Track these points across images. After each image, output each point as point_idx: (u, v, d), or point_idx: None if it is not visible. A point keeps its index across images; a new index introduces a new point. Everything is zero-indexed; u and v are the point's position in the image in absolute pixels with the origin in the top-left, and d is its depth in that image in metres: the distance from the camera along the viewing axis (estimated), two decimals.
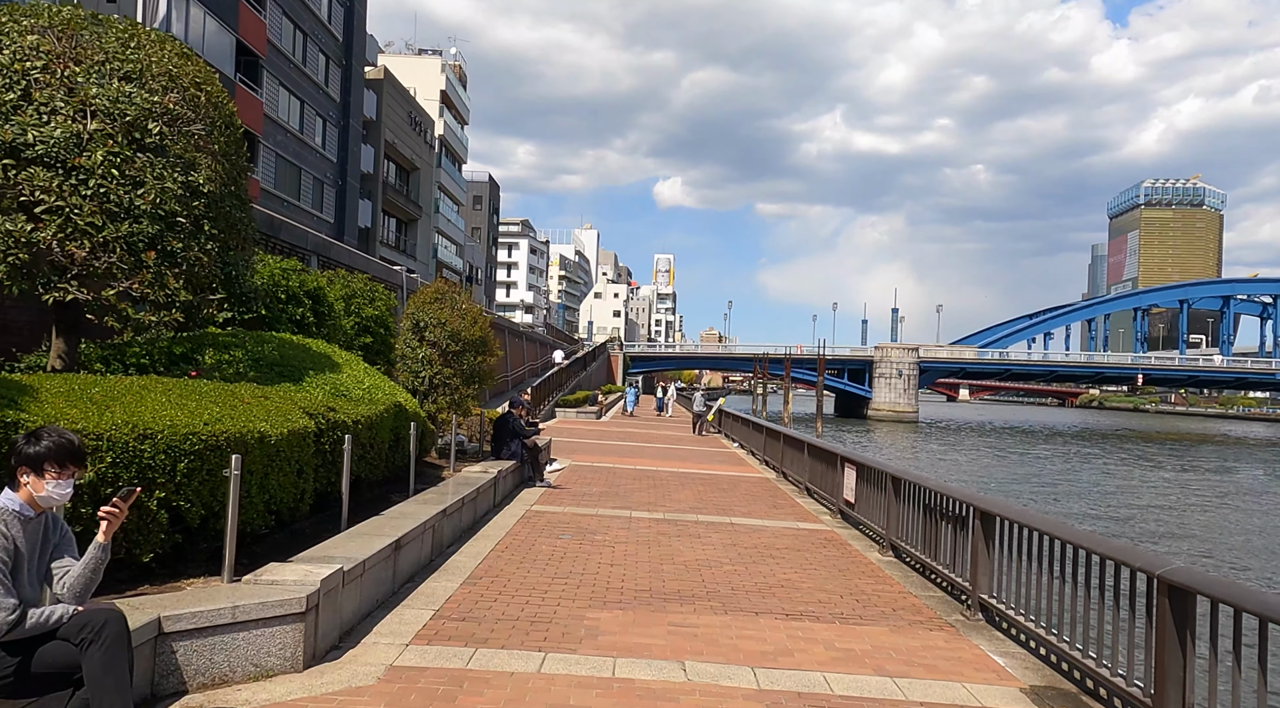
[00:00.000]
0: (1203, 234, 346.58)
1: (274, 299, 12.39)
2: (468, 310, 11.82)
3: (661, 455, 20.25)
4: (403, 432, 9.10)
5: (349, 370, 9.20)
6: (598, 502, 11.86)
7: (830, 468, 12.60)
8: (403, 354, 11.64)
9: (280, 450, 5.99)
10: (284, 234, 15.31)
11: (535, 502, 11.51)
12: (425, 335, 11.51)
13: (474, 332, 11.60)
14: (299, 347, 9.30)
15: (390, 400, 8.85)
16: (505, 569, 7.49)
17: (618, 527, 9.96)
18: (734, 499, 13.13)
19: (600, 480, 14.41)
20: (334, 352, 10.04)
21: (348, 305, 16.12)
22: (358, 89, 45.14)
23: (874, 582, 7.91)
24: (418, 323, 11.62)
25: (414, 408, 9.75)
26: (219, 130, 7.33)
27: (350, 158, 44.29)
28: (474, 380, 11.86)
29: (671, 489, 13.87)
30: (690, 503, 12.36)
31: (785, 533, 10.27)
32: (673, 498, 12.79)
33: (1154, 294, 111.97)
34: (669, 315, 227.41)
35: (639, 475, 15.60)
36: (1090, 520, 24.05)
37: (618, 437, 26.15)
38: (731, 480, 15.80)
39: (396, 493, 9.15)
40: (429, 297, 11.75)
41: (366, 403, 8.23)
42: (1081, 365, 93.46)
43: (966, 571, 7.04)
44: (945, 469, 36.98)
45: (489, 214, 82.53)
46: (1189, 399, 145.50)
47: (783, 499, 13.46)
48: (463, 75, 70.55)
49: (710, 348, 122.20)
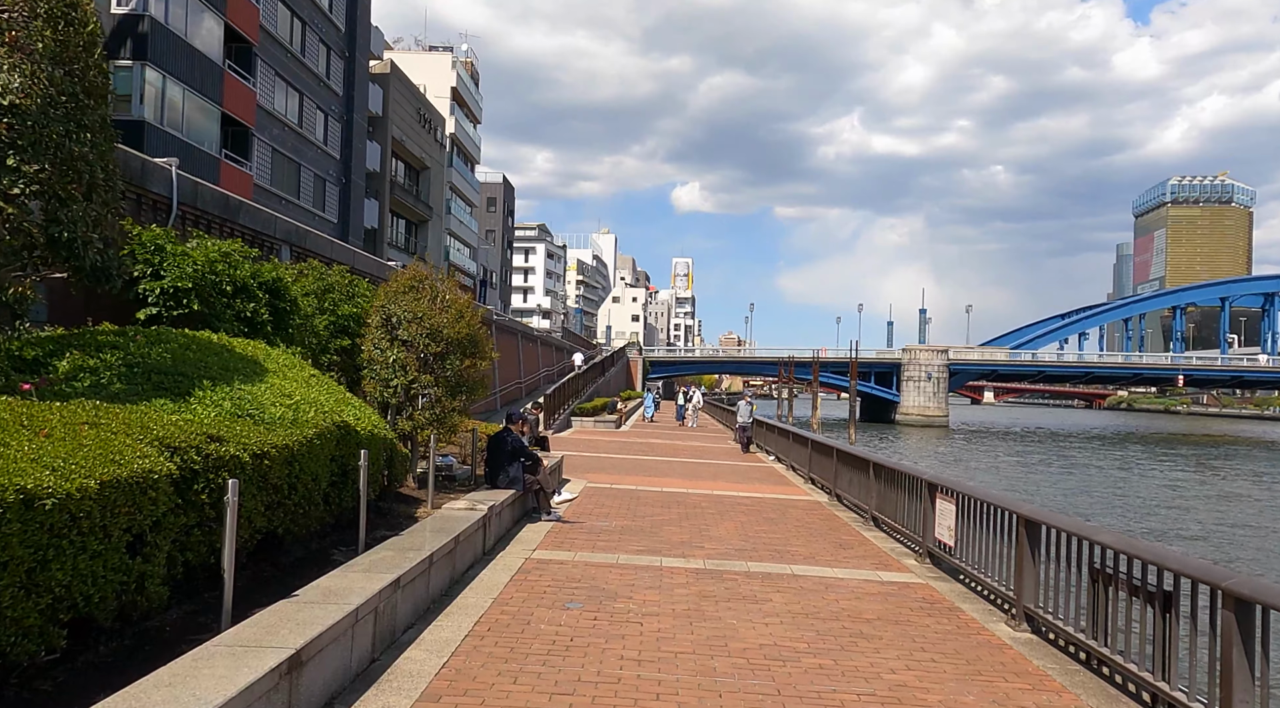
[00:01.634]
0: (1232, 232, 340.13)
1: (214, 291, 10.02)
2: (453, 302, 9.37)
3: (690, 473, 17.72)
4: (352, 462, 6.66)
5: (276, 380, 6.77)
6: (618, 542, 9.36)
7: (908, 495, 10.04)
8: (370, 358, 9.20)
9: (83, 513, 3.55)
10: (244, 217, 12.93)
11: (538, 544, 9.02)
12: (398, 334, 9.08)
13: (459, 328, 9.15)
14: (212, 349, 6.88)
15: (328, 421, 6.40)
16: (481, 678, 4.99)
17: (645, 584, 7.46)
18: (787, 533, 10.59)
19: (621, 509, 11.91)
20: (268, 355, 7.62)
21: (321, 302, 13.76)
22: (362, 83, 42.98)
23: (1027, 686, 5.36)
24: (388, 318, 9.19)
25: (371, 428, 7.29)
26: (47, 22, 4.90)
27: (355, 155, 42.12)
28: (461, 390, 9.40)
29: (708, 520, 11.35)
30: (735, 541, 9.83)
31: (869, 590, 7.73)
32: (711, 534, 10.26)
33: (1193, 292, 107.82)
34: (688, 319, 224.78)
35: (667, 500, 13.10)
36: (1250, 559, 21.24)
37: (639, 449, 23.64)
38: (777, 506, 13.26)
39: (343, 547, 6.69)
40: (403, 284, 9.32)
41: (285, 426, 5.78)
42: (1119, 367, 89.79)
43: (1202, 689, 4.48)
44: (1000, 480, 33.93)
45: (503, 216, 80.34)
46: (1222, 401, 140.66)
47: (847, 533, 10.90)
48: (475, 73, 68.40)
49: (731, 352, 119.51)
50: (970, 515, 8.09)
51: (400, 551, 6.29)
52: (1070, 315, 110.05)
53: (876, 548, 9.92)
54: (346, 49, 41.36)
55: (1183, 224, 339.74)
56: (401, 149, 49.03)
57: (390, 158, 47.55)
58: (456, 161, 61.72)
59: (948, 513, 8.57)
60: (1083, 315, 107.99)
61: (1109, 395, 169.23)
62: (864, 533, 10.95)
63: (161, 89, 25.27)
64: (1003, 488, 28.85)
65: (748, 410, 24.76)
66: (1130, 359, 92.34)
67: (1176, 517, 26.35)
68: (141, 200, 10.43)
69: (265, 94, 32.60)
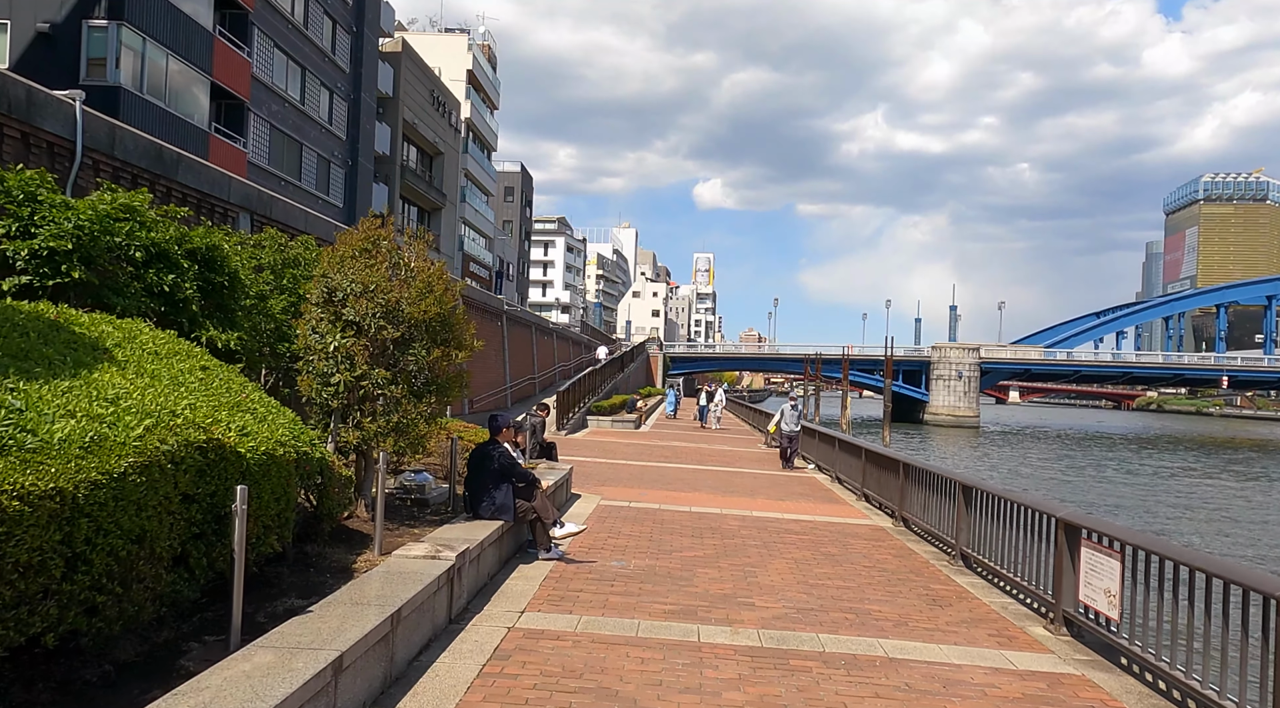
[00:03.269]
0: (1266, 230, 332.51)
1: (112, 256, 7.68)
2: (420, 271, 6.97)
3: (722, 486, 15.25)
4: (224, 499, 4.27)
5: (110, 374, 4.37)
6: (638, 598, 6.92)
7: (1024, 534, 7.55)
8: (307, 345, 6.82)
9: None
10: (185, 175, 10.58)
11: (530, 601, 6.60)
12: (344, 314, 6.69)
13: (427, 307, 6.74)
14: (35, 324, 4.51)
15: (178, 439, 3.99)
16: None
17: (678, 683, 5.02)
18: (859, 579, 8.12)
19: (641, 540, 9.47)
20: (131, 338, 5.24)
21: (280, 279, 11.40)
22: (371, 61, 40.73)
23: None
24: (331, 292, 6.80)
25: (272, 447, 4.88)
26: None
27: (363, 136, 39.89)
28: (429, 390, 7.00)
29: (753, 556, 8.90)
30: (794, 593, 7.38)
31: (1007, 691, 5.23)
32: (761, 581, 7.81)
33: (1237, 290, 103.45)
34: (709, 316, 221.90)
35: (698, 525, 10.65)
36: None
37: (661, 454, 21.19)
38: (834, 533, 10.77)
39: (217, 635, 4.31)
40: (354, 246, 6.92)
41: (71, 454, 3.37)
42: (1161, 367, 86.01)
43: None
44: (1061, 489, 30.89)
45: (521, 207, 78.05)
46: (1257, 403, 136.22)
47: (936, 580, 8.40)
48: (492, 57, 66.07)
49: (754, 348, 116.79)
50: (1147, 578, 5.60)
51: (287, 651, 3.89)
52: (1105, 314, 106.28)
53: (984, 607, 7.42)
54: (354, 23, 39.12)
55: (1215, 222, 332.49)
56: (413, 133, 46.79)
57: (401, 141, 45.32)
58: (472, 148, 59.46)
59: (1106, 571, 6.06)
60: (1120, 314, 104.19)
61: (1138, 396, 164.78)
62: (957, 580, 8.45)
63: (142, 53, 23.05)
64: (1078, 503, 25.38)
65: (795, 416, 19.11)
66: (1170, 359, 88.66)
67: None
68: (30, 142, 8.09)
69: (263, 66, 30.39)
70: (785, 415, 18.89)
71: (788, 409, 19.00)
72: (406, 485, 8.27)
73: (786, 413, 18.94)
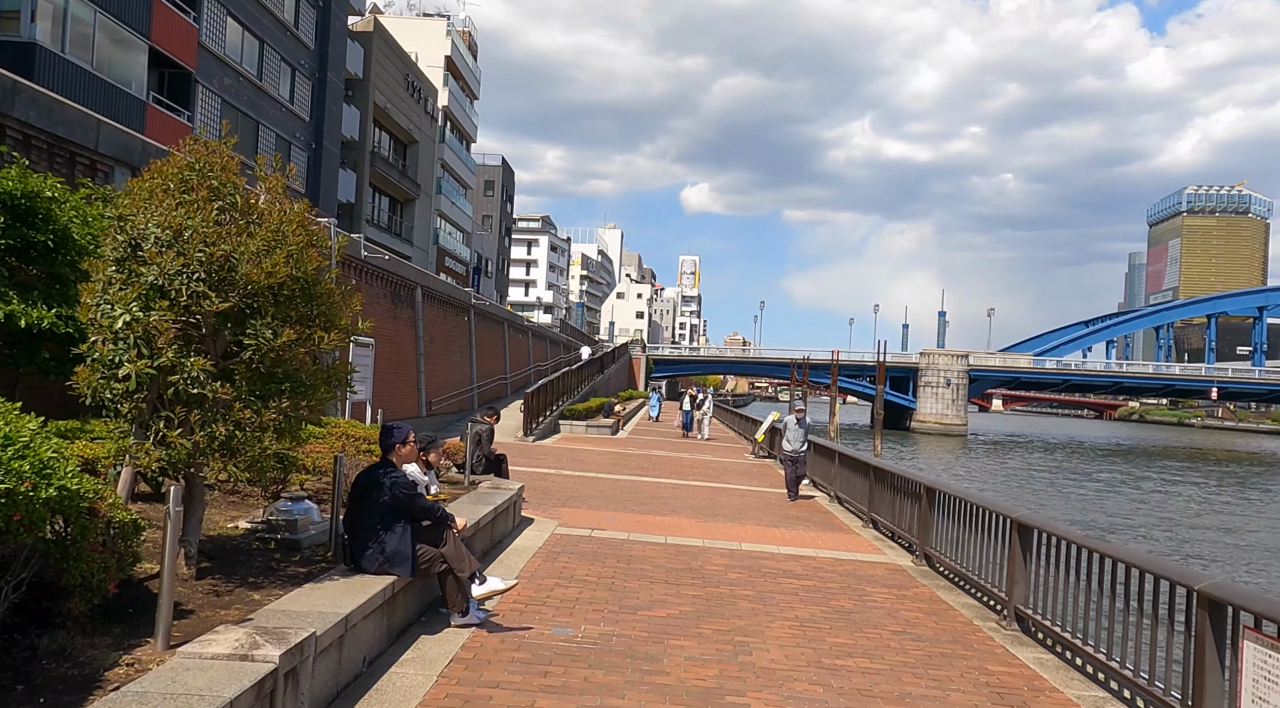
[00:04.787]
0: (1248, 242, 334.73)
1: None
2: (267, 214, 4.75)
3: (705, 508, 13.04)
4: None
5: None
6: (579, 698, 4.70)
7: (1109, 600, 5.40)
8: (91, 319, 4.56)
9: None
10: (26, 110, 8.27)
11: None
12: (142, 272, 4.44)
13: (273, 267, 4.50)
14: None
15: None
16: None
17: None
18: (889, 655, 5.93)
19: (598, 593, 7.24)
20: None
21: None
22: (339, 37, 38.30)
23: None
24: (133, 241, 4.57)
25: None
26: None
27: (329, 118, 37.45)
28: (283, 391, 4.76)
29: (745, 617, 6.69)
30: (805, 691, 5.17)
31: None
32: (757, 662, 5.60)
33: (1227, 300, 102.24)
34: (694, 319, 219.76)
35: (673, 566, 8.44)
36: None
37: (637, 465, 18.96)
38: (845, 577, 8.58)
39: None
40: (169, 177, 4.67)
41: None
42: (1151, 377, 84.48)
43: None
44: (1076, 509, 28.65)
45: (501, 202, 75.61)
46: (1238, 414, 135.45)
47: (993, 658, 6.21)
48: (473, 44, 63.64)
49: (740, 352, 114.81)
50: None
51: None
52: (1095, 322, 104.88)
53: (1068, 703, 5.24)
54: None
55: (1198, 234, 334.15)
56: (385, 118, 44.37)
57: (371, 126, 42.89)
58: (450, 138, 57.02)
59: (1268, 673, 3.89)
60: (1111, 323, 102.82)
61: (1120, 406, 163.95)
62: (1018, 654, 6.27)
63: (64, 7, 20.63)
64: (1110, 524, 23.05)
65: (801, 433, 14.45)
66: (1161, 369, 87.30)
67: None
68: None
69: (213, 35, 27.96)
70: (789, 431, 14.53)
71: (792, 423, 14.59)
72: (273, 521, 6.00)
73: (791, 428, 14.54)
